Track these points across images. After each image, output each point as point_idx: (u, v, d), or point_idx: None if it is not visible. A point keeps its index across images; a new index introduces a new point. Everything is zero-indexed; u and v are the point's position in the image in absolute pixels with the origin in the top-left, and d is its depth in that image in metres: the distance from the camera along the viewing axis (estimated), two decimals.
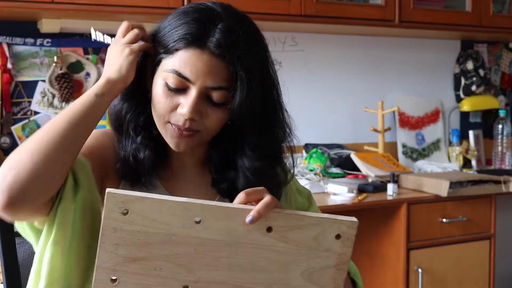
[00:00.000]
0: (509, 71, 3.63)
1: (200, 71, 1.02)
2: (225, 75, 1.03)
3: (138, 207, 0.90)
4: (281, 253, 0.94)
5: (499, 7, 3.34)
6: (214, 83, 1.03)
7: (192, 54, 1.03)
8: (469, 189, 2.62)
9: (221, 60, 1.02)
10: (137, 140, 1.11)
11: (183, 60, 1.03)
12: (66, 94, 2.52)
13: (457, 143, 3.26)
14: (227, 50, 1.02)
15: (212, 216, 0.91)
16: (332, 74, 3.13)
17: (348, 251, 0.95)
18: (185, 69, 1.03)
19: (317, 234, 0.94)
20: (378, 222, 2.64)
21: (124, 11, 2.35)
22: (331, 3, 2.71)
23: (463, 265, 2.66)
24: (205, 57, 1.02)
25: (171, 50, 1.04)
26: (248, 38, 1.06)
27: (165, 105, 1.05)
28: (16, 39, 2.50)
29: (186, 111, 1.03)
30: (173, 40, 1.04)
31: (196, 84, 1.03)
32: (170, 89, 1.05)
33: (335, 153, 2.90)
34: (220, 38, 1.02)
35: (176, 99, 1.05)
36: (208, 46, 1.02)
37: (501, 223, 3.17)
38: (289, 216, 0.93)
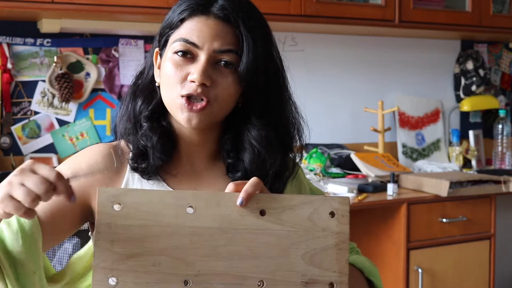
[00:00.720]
0: (509, 71, 3.63)
1: (206, 35, 1.05)
2: (232, 38, 1.06)
3: (130, 200, 0.90)
4: (278, 236, 0.93)
5: (499, 7, 3.33)
6: (221, 45, 1.05)
7: (198, 20, 1.06)
8: (469, 189, 2.62)
9: (227, 24, 1.06)
10: (147, 127, 1.11)
11: (189, 27, 1.06)
12: (66, 94, 2.52)
13: (457, 143, 3.26)
14: (231, 13, 1.05)
15: (204, 204, 0.92)
16: (332, 74, 3.13)
17: (345, 229, 0.94)
18: (192, 35, 1.05)
19: (310, 213, 0.94)
20: (378, 222, 2.64)
21: (124, 11, 2.35)
22: (331, 3, 2.71)
23: (463, 265, 2.66)
24: (211, 21, 1.05)
25: (176, 23, 1.08)
26: (250, 6, 1.10)
27: (176, 76, 1.06)
28: (16, 39, 2.50)
29: (196, 75, 1.04)
30: (177, 14, 1.08)
31: (203, 48, 1.05)
32: (179, 60, 1.06)
33: (335, 153, 2.90)
34: (224, 4, 1.06)
35: (186, 69, 1.06)
36: (212, 11, 1.06)
37: (501, 223, 3.17)
38: (279, 197, 0.94)
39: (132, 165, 1.12)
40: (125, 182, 1.13)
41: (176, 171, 1.14)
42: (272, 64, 1.12)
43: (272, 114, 1.12)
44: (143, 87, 1.14)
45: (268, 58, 1.10)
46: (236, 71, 1.06)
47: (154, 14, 2.38)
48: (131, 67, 2.68)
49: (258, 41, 1.07)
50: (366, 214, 2.69)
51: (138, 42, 2.70)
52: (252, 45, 1.06)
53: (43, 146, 2.57)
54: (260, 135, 1.10)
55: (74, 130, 2.62)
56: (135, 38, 2.69)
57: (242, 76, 1.06)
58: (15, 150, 2.51)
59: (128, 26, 2.56)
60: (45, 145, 2.57)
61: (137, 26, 2.57)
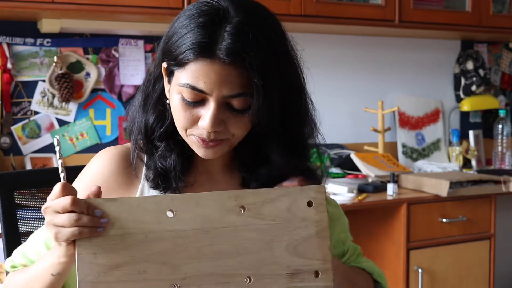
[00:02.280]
0: (509, 71, 3.63)
1: (214, 81, 0.96)
2: (241, 81, 0.97)
3: (109, 209, 0.89)
4: (261, 230, 0.94)
5: (499, 7, 3.34)
6: (230, 91, 0.97)
7: (203, 65, 0.96)
8: (469, 189, 2.62)
9: (234, 67, 0.96)
10: (163, 147, 1.08)
11: (194, 72, 0.97)
12: (66, 94, 2.52)
13: (457, 143, 3.26)
14: (238, 57, 0.95)
15: (184, 206, 0.91)
16: (332, 74, 3.13)
17: (324, 217, 0.96)
18: (198, 82, 0.97)
19: (289, 205, 0.95)
20: (378, 222, 2.64)
21: (124, 11, 2.35)
22: (331, 3, 2.71)
23: (463, 265, 2.66)
24: (216, 66, 0.96)
25: (181, 63, 0.98)
26: (260, 36, 0.97)
27: (185, 119, 1.01)
28: (16, 39, 2.50)
29: (207, 124, 0.99)
30: (181, 52, 0.97)
31: (212, 95, 0.97)
32: (187, 103, 1.00)
33: (335, 153, 2.90)
34: (229, 45, 0.95)
35: (195, 112, 1.00)
36: (218, 55, 0.95)
37: (501, 223, 3.17)
38: (257, 192, 0.95)
39: (151, 185, 1.10)
40: (140, 190, 1.11)
41: (193, 180, 1.11)
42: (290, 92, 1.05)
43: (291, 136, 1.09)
44: (153, 101, 1.08)
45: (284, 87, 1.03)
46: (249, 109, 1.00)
47: (154, 14, 2.38)
48: (131, 67, 2.68)
49: (271, 84, 0.98)
50: (366, 214, 2.69)
51: (138, 42, 2.70)
52: (263, 92, 0.97)
53: (43, 146, 2.57)
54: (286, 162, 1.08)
55: (74, 130, 2.62)
56: (135, 38, 2.69)
57: (253, 120, 1.00)
58: (15, 150, 2.51)
59: (128, 26, 2.56)
60: (45, 145, 2.57)
61: (137, 26, 2.57)
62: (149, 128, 1.08)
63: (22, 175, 1.45)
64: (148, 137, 1.08)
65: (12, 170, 2.43)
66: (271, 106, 1.00)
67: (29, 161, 2.50)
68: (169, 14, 2.37)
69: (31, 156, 2.52)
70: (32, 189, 1.37)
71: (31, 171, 2.07)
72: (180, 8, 2.35)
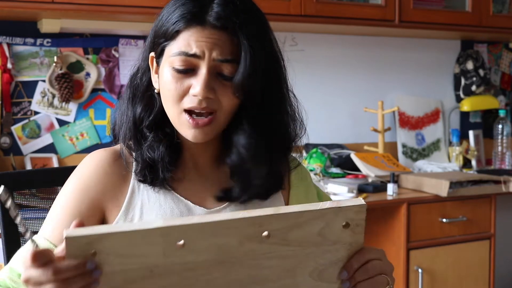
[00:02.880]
0: (509, 71, 3.63)
1: (205, 45, 1.01)
2: (231, 47, 1.02)
3: (107, 245, 0.75)
4: (284, 257, 0.82)
5: (499, 7, 3.34)
6: (221, 55, 1.01)
7: (194, 31, 1.02)
8: (469, 189, 2.62)
9: (224, 32, 1.01)
10: (151, 138, 1.09)
11: (186, 39, 1.02)
12: (66, 94, 2.52)
13: (457, 143, 3.26)
14: (228, 20, 1.01)
15: (196, 235, 0.77)
16: (332, 74, 3.13)
17: (359, 238, 0.84)
18: (191, 47, 1.01)
19: (321, 228, 0.82)
20: (378, 222, 2.64)
21: (124, 11, 2.35)
22: (331, 3, 2.71)
23: (463, 265, 2.66)
24: (207, 31, 1.01)
25: (172, 35, 1.03)
26: (247, 6, 1.05)
27: (176, 90, 1.03)
28: (16, 39, 2.50)
29: (199, 89, 1.01)
30: (171, 24, 1.03)
31: (204, 59, 1.01)
32: (179, 72, 1.03)
33: (335, 153, 2.90)
34: (218, 11, 1.01)
35: (186, 82, 1.03)
36: (208, 20, 1.01)
37: (501, 223, 3.17)
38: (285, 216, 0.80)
39: (139, 178, 1.10)
40: (130, 190, 1.11)
41: (182, 175, 1.12)
42: (272, 68, 1.08)
43: (267, 121, 1.08)
44: (141, 93, 1.10)
45: (268, 62, 1.06)
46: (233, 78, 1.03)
47: (154, 14, 2.36)
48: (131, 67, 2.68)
49: (257, 48, 1.02)
50: (366, 214, 2.69)
51: (138, 42, 2.70)
52: (250, 54, 1.01)
53: (43, 146, 2.57)
54: (249, 143, 1.07)
55: (74, 130, 2.62)
56: (135, 38, 2.69)
57: (238, 87, 1.02)
58: (15, 150, 2.51)
59: (128, 26, 2.56)
60: (45, 145, 2.57)
61: (137, 26, 2.57)
62: (137, 118, 1.09)
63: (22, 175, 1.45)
64: (136, 128, 1.09)
65: (12, 170, 2.43)
66: (256, 72, 1.02)
67: (29, 161, 2.50)
68: None
69: (31, 156, 2.52)
70: (32, 189, 1.37)
71: (31, 171, 2.07)
72: None
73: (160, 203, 1.11)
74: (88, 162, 1.14)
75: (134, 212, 1.10)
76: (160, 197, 1.11)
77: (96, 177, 1.11)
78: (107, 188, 1.10)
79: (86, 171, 1.12)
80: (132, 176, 1.12)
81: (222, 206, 1.14)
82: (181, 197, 1.12)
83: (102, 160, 1.12)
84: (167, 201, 1.11)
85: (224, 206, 1.14)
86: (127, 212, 1.10)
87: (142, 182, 1.10)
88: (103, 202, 1.10)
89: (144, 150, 1.08)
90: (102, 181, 1.10)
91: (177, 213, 1.10)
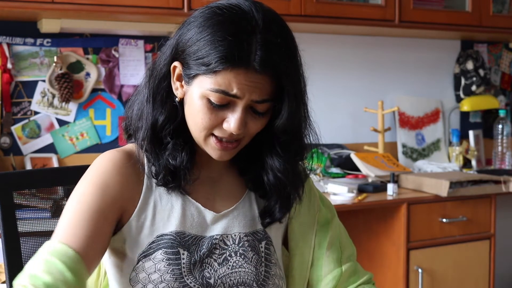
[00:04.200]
0: (509, 71, 3.63)
1: (246, 89, 1.01)
2: (270, 88, 1.03)
3: None
4: None
5: (499, 7, 3.34)
6: (259, 97, 1.02)
7: (237, 73, 1.00)
8: (469, 189, 2.62)
9: (265, 75, 1.01)
10: (173, 145, 1.09)
11: (227, 79, 1.00)
12: (66, 94, 2.52)
13: (457, 143, 3.26)
14: (272, 66, 1.01)
15: None
16: (332, 74, 3.13)
17: None
18: (231, 88, 1.01)
19: None
20: (378, 222, 2.64)
21: (124, 11, 2.35)
22: (331, 3, 2.71)
23: (463, 265, 2.66)
24: (250, 75, 1.00)
25: (212, 70, 1.01)
26: (289, 47, 1.05)
27: (210, 121, 1.04)
28: (16, 39, 2.50)
29: (233, 127, 1.03)
30: (213, 60, 1.00)
31: (243, 99, 1.02)
32: (214, 106, 1.03)
33: (335, 153, 2.90)
34: (263, 55, 1.00)
35: (221, 114, 1.04)
36: (253, 65, 1.00)
37: (501, 223, 3.17)
38: None
39: (159, 183, 1.10)
40: (144, 191, 1.11)
41: (195, 177, 1.12)
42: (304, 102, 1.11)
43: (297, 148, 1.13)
44: (162, 98, 1.09)
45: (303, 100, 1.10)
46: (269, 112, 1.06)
47: (154, 14, 2.38)
48: (131, 67, 2.68)
49: (298, 92, 1.06)
50: (366, 214, 2.69)
51: (138, 42, 2.70)
52: (293, 101, 1.05)
53: (43, 146, 2.57)
54: (286, 169, 1.11)
55: (74, 130, 2.62)
56: (135, 38, 2.69)
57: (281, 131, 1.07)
58: (15, 150, 2.51)
59: (128, 26, 2.56)
60: (45, 145, 2.57)
61: (137, 26, 2.57)
62: (158, 125, 1.08)
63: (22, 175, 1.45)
64: (156, 134, 1.09)
65: (12, 170, 2.43)
66: (297, 115, 1.07)
67: (29, 161, 2.50)
68: (169, 14, 2.37)
69: (31, 156, 2.52)
70: (32, 189, 1.37)
71: (31, 171, 2.07)
72: (180, 8, 2.35)
73: (172, 204, 1.11)
74: (102, 163, 1.11)
75: (147, 212, 1.11)
76: (172, 198, 1.12)
77: (114, 177, 1.09)
78: (124, 189, 1.10)
79: (103, 170, 1.10)
80: (145, 177, 1.12)
81: (230, 209, 1.15)
82: (192, 200, 1.13)
83: (117, 161, 1.11)
84: (178, 202, 1.12)
85: (232, 209, 1.15)
86: (140, 213, 1.10)
87: (162, 186, 1.11)
88: (121, 202, 1.09)
89: (166, 158, 1.09)
90: (119, 182, 1.09)
91: (188, 215, 1.11)
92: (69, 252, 1.00)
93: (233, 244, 1.12)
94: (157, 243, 1.08)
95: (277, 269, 1.15)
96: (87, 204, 1.05)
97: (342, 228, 1.27)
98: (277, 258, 1.17)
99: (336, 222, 1.25)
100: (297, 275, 1.20)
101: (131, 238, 1.09)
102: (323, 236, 1.21)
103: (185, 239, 1.09)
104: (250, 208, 1.17)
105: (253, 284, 1.10)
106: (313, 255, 1.20)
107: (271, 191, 1.14)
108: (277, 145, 1.10)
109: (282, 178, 1.11)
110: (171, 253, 1.07)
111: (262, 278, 1.12)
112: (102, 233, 1.05)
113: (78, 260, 0.99)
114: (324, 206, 1.25)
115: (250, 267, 1.11)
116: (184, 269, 1.07)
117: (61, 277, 0.96)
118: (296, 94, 1.05)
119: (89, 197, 1.06)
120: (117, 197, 1.08)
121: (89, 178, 1.09)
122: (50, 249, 1.00)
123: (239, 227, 1.14)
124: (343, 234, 1.26)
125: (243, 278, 1.10)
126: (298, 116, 1.08)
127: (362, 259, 2.72)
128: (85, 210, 1.05)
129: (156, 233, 1.09)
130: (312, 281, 1.21)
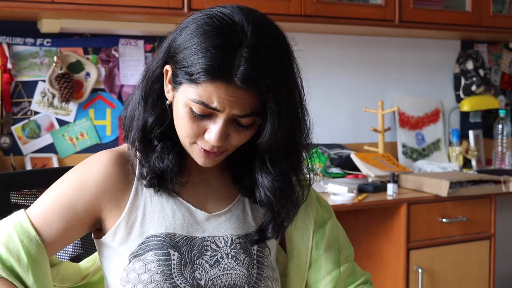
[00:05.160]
0: (509, 71, 3.63)
1: (226, 102, 0.99)
2: (252, 102, 1.00)
3: None
4: None
5: (499, 7, 3.34)
6: (241, 111, 1.00)
7: (218, 87, 0.98)
8: (469, 189, 2.62)
9: (247, 91, 0.98)
10: (161, 148, 1.09)
11: (208, 92, 0.98)
12: (66, 94, 2.53)
13: (457, 143, 3.26)
14: (254, 83, 0.98)
15: None
16: (332, 74, 3.13)
17: None
18: (212, 101, 0.99)
19: None
20: (378, 222, 2.64)
21: (124, 11, 2.35)
22: (331, 3, 2.71)
23: (463, 265, 2.66)
24: (231, 89, 0.98)
25: (194, 80, 0.99)
26: (279, 61, 1.01)
27: (192, 130, 1.03)
28: (16, 39, 2.50)
29: (213, 139, 1.02)
30: (196, 71, 0.98)
31: (223, 113, 1.00)
32: (195, 116, 1.02)
33: (335, 153, 2.90)
34: (246, 71, 0.97)
35: (202, 124, 1.03)
36: (234, 80, 0.97)
37: (501, 223, 3.17)
38: None
39: (146, 185, 1.11)
40: (133, 191, 1.11)
41: (185, 179, 1.12)
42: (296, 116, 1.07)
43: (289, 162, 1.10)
44: (153, 100, 1.09)
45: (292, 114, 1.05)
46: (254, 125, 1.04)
47: (154, 14, 2.38)
48: (131, 67, 2.68)
49: (284, 109, 1.02)
50: (366, 214, 2.69)
51: (138, 42, 2.70)
52: (277, 118, 1.01)
53: (43, 146, 2.57)
54: (274, 188, 1.09)
55: (74, 130, 2.62)
56: (135, 38, 2.69)
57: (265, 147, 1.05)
58: (15, 150, 2.51)
59: (128, 26, 2.56)
60: (45, 145, 2.57)
61: (137, 26, 2.57)
62: (147, 127, 1.09)
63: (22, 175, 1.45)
64: (145, 136, 1.09)
65: (12, 170, 2.43)
66: (282, 131, 1.03)
67: (29, 161, 2.50)
68: (169, 14, 2.37)
69: (31, 156, 2.52)
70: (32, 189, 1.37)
71: (31, 171, 2.07)
72: (180, 8, 2.35)
73: (162, 205, 1.11)
74: (91, 161, 1.13)
75: (137, 213, 1.11)
76: (162, 200, 1.12)
77: (97, 178, 1.10)
78: (107, 189, 1.10)
79: (89, 168, 1.12)
80: (135, 178, 1.12)
81: (223, 211, 1.15)
82: (183, 201, 1.12)
83: (105, 160, 1.12)
84: (169, 204, 1.11)
85: (225, 211, 1.15)
86: (129, 214, 1.10)
87: (148, 188, 1.11)
88: (101, 202, 1.10)
89: (153, 160, 1.09)
90: (103, 182, 1.10)
91: (179, 216, 1.11)
92: (32, 234, 1.07)
93: (225, 246, 1.12)
94: (146, 244, 1.08)
95: (270, 271, 1.14)
96: (63, 196, 1.10)
97: (340, 228, 1.26)
98: (271, 260, 1.16)
99: (333, 222, 1.24)
100: (295, 277, 1.20)
101: (121, 238, 1.10)
102: (321, 237, 1.21)
103: (175, 240, 1.09)
104: (243, 211, 1.17)
105: (244, 286, 1.10)
106: (311, 257, 1.20)
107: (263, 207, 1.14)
108: (267, 161, 1.09)
109: (270, 198, 1.10)
110: (161, 254, 1.07)
111: (254, 280, 1.11)
112: (70, 228, 1.09)
113: (37, 244, 1.07)
114: (321, 207, 1.25)
115: (242, 269, 1.11)
116: (174, 269, 1.07)
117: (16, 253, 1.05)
118: (280, 111, 1.01)
119: (69, 191, 1.10)
120: (97, 197, 1.10)
121: (75, 172, 1.13)
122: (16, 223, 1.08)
123: (231, 229, 1.14)
124: (341, 235, 1.25)
125: (235, 280, 1.09)
126: (284, 133, 1.03)
127: (362, 259, 2.72)
128: (60, 201, 1.10)
129: (146, 234, 1.09)
130: (310, 282, 1.20)
